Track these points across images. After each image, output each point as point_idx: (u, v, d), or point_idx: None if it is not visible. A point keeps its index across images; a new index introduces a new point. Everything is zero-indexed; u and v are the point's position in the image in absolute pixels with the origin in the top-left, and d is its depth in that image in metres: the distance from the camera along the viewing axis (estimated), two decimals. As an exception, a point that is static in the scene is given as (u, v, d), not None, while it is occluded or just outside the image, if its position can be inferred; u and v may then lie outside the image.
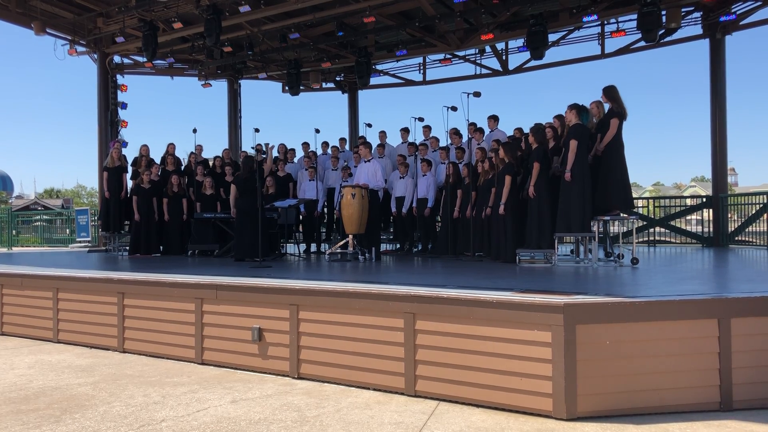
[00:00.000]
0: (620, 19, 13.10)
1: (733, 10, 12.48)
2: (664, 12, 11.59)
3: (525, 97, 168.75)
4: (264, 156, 10.77)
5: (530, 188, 8.18)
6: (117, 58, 15.99)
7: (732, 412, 4.39)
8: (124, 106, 15.79)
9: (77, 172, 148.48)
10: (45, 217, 24.27)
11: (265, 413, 4.46)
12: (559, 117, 8.67)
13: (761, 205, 12.49)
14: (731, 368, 4.45)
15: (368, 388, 5.12)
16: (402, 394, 4.94)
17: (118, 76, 15.93)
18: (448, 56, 15.97)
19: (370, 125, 13.07)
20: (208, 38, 12.42)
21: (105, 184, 12.26)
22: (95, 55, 15.47)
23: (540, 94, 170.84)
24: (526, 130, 9.50)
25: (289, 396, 4.95)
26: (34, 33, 13.89)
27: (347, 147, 13.63)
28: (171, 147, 12.77)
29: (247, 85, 18.61)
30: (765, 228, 12.31)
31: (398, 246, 12.09)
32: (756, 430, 4.02)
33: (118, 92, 15.81)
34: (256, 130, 10.18)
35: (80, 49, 15.27)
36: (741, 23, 12.78)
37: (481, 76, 16.45)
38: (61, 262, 10.30)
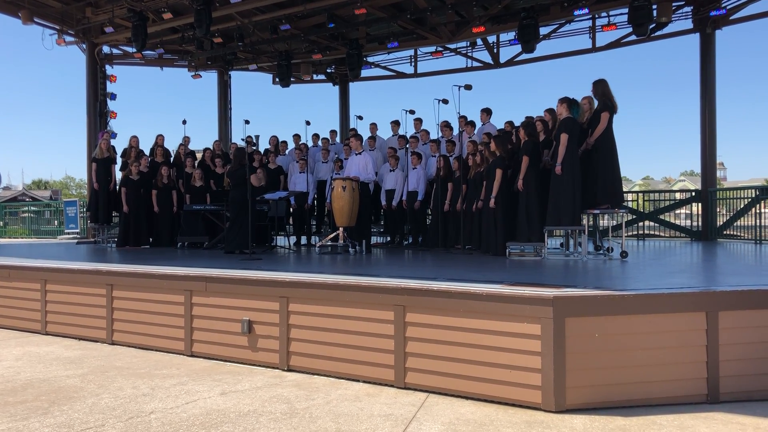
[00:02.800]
0: (611, 12, 13.15)
1: (723, 5, 12.55)
2: (654, 6, 11.62)
3: (516, 90, 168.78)
4: (254, 148, 10.73)
5: (519, 182, 8.19)
6: (106, 49, 15.87)
7: (719, 404, 4.42)
8: (113, 96, 15.69)
9: (66, 163, 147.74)
10: (33, 208, 24.14)
11: (254, 405, 4.46)
12: (550, 110, 8.69)
13: (749, 200, 12.58)
14: (718, 361, 4.49)
15: (358, 381, 5.13)
16: (392, 386, 4.95)
17: (107, 67, 15.82)
18: (440, 49, 15.94)
19: (361, 117, 13.08)
20: (198, 29, 12.34)
21: (94, 175, 12.18)
22: (84, 45, 15.35)
23: (531, 87, 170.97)
24: (517, 124, 9.52)
25: (278, 388, 4.94)
26: (21, 22, 13.75)
27: (338, 139, 13.61)
28: (160, 138, 12.70)
29: (237, 77, 18.53)
30: (753, 222, 12.40)
31: (388, 239, 12.09)
32: (742, 421, 4.05)
33: (107, 83, 15.70)
34: (246, 122, 10.16)
35: (69, 39, 15.15)
36: (731, 18, 12.83)
37: (472, 69, 16.45)
38: (49, 253, 10.24)
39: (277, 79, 15.56)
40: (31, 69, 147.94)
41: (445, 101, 9.88)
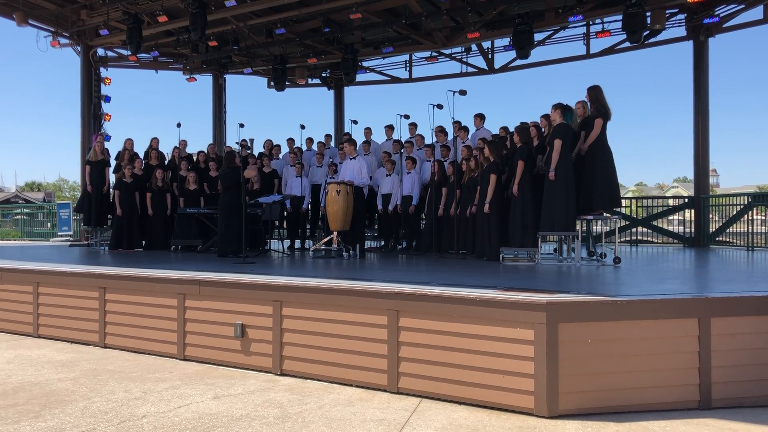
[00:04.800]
0: (605, 19, 13.21)
1: (716, 13, 12.60)
2: (648, 13, 11.67)
3: (510, 96, 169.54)
4: (249, 151, 10.72)
5: (514, 187, 8.21)
6: (101, 51, 15.82)
7: (710, 410, 4.44)
8: (107, 99, 15.63)
9: (59, 165, 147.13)
10: (26, 210, 24.04)
11: (247, 409, 4.45)
12: (546, 116, 8.73)
13: (742, 207, 12.63)
14: (710, 367, 4.50)
15: (351, 385, 5.12)
16: (385, 391, 4.95)
17: (102, 69, 15.77)
18: (435, 54, 15.99)
19: (355, 122, 13.07)
20: (194, 32, 12.33)
21: (87, 177, 12.15)
22: (78, 48, 15.29)
23: (525, 93, 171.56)
24: (512, 129, 9.54)
25: (271, 392, 4.93)
26: (16, 24, 13.72)
27: (332, 143, 13.61)
28: (155, 141, 12.69)
29: (232, 80, 18.53)
30: (745, 229, 12.45)
31: (383, 243, 12.08)
32: (733, 428, 4.07)
33: (102, 85, 15.64)
34: (241, 125, 10.17)
35: (63, 41, 15.10)
36: (724, 26, 12.90)
37: (467, 74, 16.48)
38: (41, 256, 10.19)
39: (272, 83, 15.56)
40: (26, 71, 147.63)
41: (440, 106, 9.89)
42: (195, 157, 12.74)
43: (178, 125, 12.81)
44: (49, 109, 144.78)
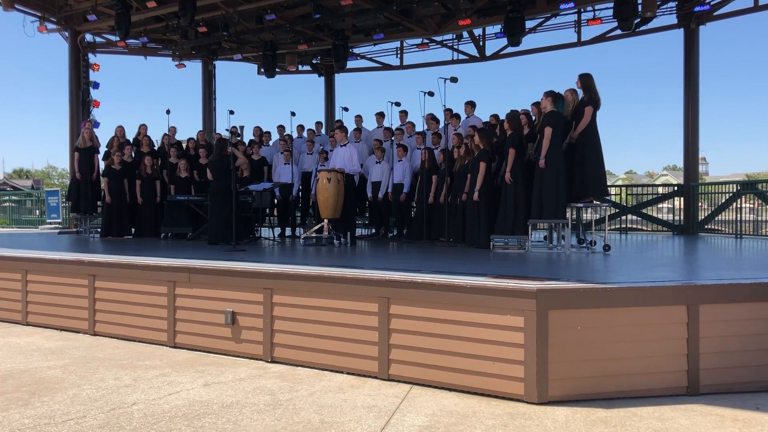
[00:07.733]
0: (597, 7, 13.21)
1: (707, 1, 12.61)
2: (640, 1, 11.67)
3: (502, 83, 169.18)
4: (239, 138, 10.67)
5: (506, 174, 8.21)
6: (89, 37, 15.66)
7: (698, 396, 4.47)
8: (96, 85, 15.50)
9: (48, 152, 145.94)
10: (14, 198, 23.87)
11: (237, 396, 4.45)
12: (537, 104, 8.73)
13: (731, 195, 12.71)
14: (699, 354, 4.54)
15: (342, 372, 5.13)
16: (375, 378, 4.96)
17: (90, 55, 15.61)
18: (426, 41, 15.93)
19: (346, 109, 13.00)
20: (183, 18, 12.22)
21: (76, 164, 12.06)
22: (66, 33, 15.14)
23: (516, 80, 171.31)
24: (503, 117, 9.53)
25: (262, 379, 4.93)
26: (2, 9, 13.54)
27: (323, 131, 13.56)
28: (143, 128, 12.59)
29: (222, 67, 18.38)
30: (734, 217, 12.54)
31: (373, 231, 12.09)
32: (720, 413, 4.11)
33: (90, 71, 15.51)
34: (231, 112, 10.10)
35: (51, 26, 14.94)
36: (714, 14, 12.93)
37: (458, 61, 16.46)
38: (30, 243, 10.12)
39: (262, 70, 15.48)
40: (13, 56, 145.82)
41: (431, 94, 9.86)
42: (184, 144, 12.66)
43: (168, 112, 12.73)
44: (37, 96, 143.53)
